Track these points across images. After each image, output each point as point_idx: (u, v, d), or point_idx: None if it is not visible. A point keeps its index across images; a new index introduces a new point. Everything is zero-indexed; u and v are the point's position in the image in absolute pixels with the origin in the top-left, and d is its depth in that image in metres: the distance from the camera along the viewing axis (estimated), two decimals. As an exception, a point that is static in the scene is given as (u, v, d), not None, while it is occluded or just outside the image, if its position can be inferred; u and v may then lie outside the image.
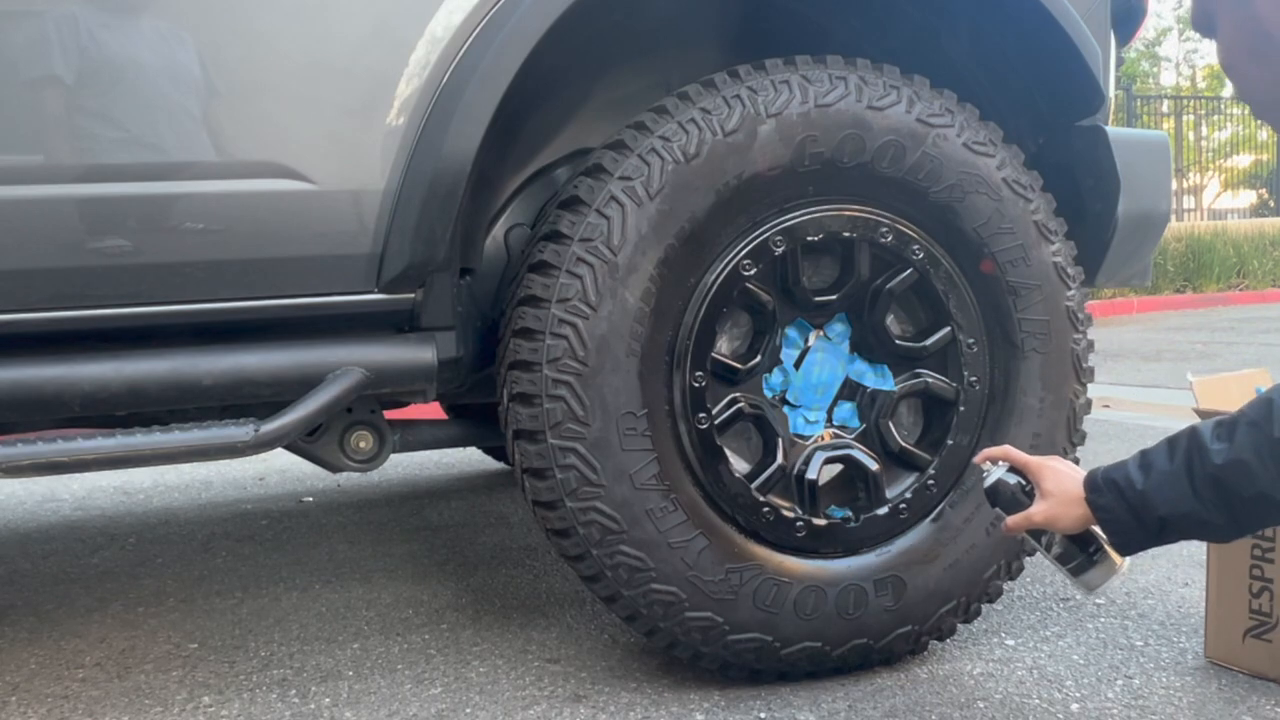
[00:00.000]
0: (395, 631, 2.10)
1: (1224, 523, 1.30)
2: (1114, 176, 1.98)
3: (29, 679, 1.93)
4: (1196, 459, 1.29)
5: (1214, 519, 1.29)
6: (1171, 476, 1.31)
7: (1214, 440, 1.28)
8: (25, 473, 1.49)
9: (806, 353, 1.82)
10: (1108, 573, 1.44)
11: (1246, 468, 1.25)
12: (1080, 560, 1.44)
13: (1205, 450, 1.29)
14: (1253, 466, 1.25)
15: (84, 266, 1.49)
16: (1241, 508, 1.27)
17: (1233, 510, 1.28)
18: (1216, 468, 1.27)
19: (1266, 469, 1.24)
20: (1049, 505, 1.42)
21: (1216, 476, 1.27)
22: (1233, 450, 1.26)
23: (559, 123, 2.01)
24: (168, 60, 1.50)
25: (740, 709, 1.71)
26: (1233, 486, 1.26)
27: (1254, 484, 1.25)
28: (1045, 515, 1.42)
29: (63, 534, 3.00)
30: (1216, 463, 1.27)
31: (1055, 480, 1.43)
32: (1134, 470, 1.35)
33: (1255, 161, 16.96)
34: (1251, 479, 1.25)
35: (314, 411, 1.58)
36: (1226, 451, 1.27)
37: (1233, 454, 1.26)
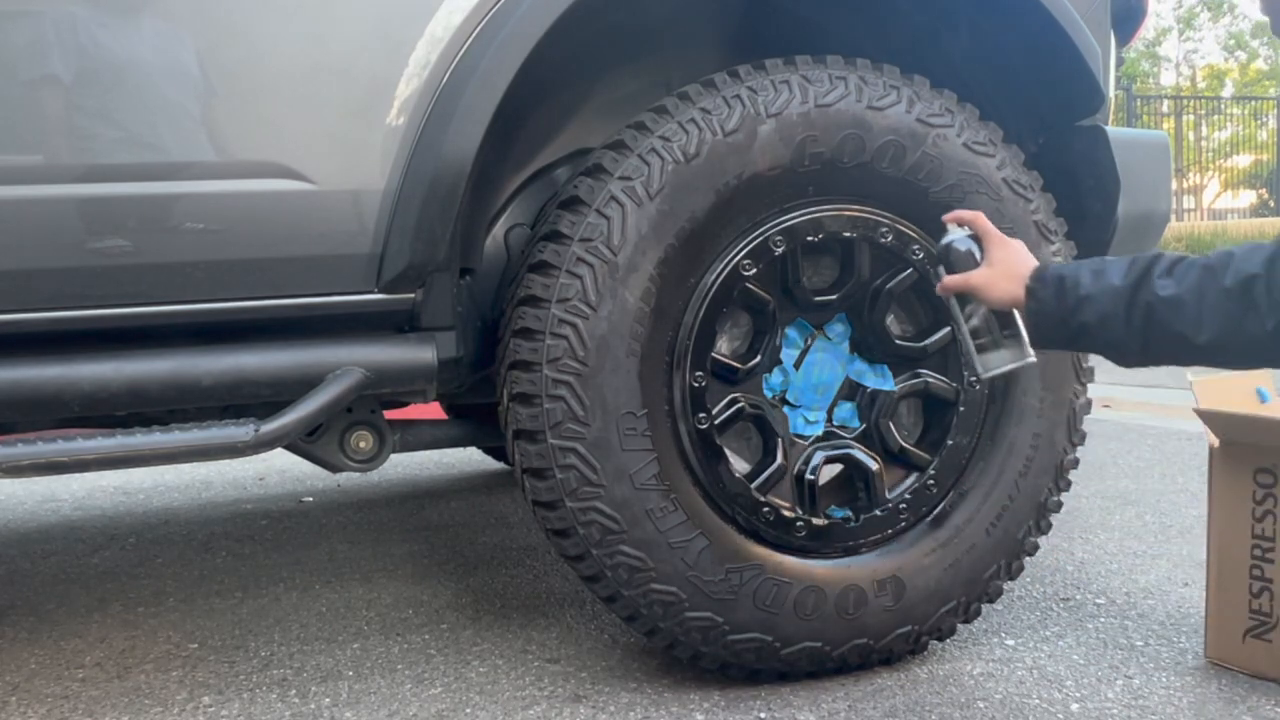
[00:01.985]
0: (395, 631, 2.10)
1: (1136, 349, 1.32)
2: (1114, 176, 1.98)
3: (29, 679, 1.93)
4: (1143, 285, 1.30)
5: (1129, 343, 1.31)
6: (1115, 293, 1.33)
7: (1163, 275, 1.30)
8: (25, 473, 1.49)
9: (806, 353, 1.82)
10: (1010, 359, 1.46)
11: (1182, 307, 1.27)
12: (991, 339, 1.47)
13: (1152, 281, 1.30)
14: (1188, 307, 1.27)
15: (84, 266, 1.49)
16: (1158, 341, 1.29)
17: (1148, 340, 1.30)
18: (1157, 298, 1.28)
19: (1199, 312, 1.26)
20: (988, 273, 1.44)
21: (1152, 305, 1.29)
22: (1178, 289, 1.28)
23: (559, 123, 2.01)
24: (168, 60, 1.50)
25: (740, 709, 1.71)
26: (1161, 320, 1.28)
27: (1181, 322, 1.27)
28: (981, 280, 1.45)
29: (63, 534, 3.00)
30: (1159, 294, 1.29)
31: (1005, 254, 1.45)
32: (1085, 274, 1.36)
33: (1255, 161, 16.97)
34: (1181, 317, 1.27)
35: (314, 411, 1.58)
36: (1171, 288, 1.28)
37: (1176, 291, 1.28)
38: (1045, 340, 1.41)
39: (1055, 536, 2.60)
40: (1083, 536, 2.67)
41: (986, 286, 1.44)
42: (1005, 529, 1.87)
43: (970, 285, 1.46)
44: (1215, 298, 1.25)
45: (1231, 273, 1.25)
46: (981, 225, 1.49)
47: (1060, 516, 2.06)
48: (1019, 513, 1.88)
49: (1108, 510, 2.94)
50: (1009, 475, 1.87)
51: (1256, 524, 1.78)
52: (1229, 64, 24.86)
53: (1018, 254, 1.44)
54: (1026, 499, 1.88)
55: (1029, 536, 1.90)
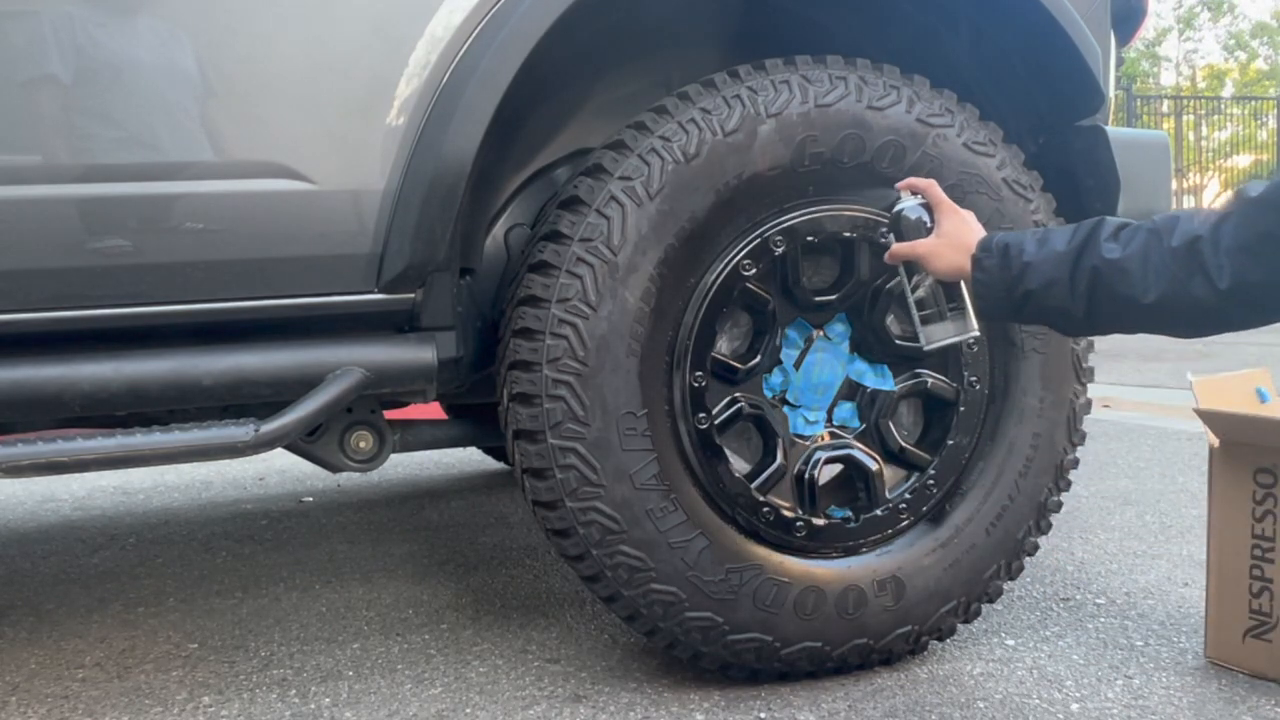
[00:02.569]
0: (395, 631, 2.10)
1: (1081, 314, 1.31)
2: (1114, 176, 1.98)
3: (29, 679, 1.93)
4: (1088, 249, 1.30)
5: (1074, 309, 1.31)
6: (1059, 259, 1.32)
7: (1109, 239, 1.30)
8: (25, 473, 1.49)
9: (806, 353, 1.82)
10: (955, 331, 1.48)
11: (1128, 269, 1.27)
12: (935, 310, 1.48)
13: (1098, 245, 1.30)
14: (1134, 269, 1.26)
15: (84, 266, 1.49)
16: (1104, 304, 1.29)
17: (1094, 304, 1.29)
18: (1103, 260, 1.28)
19: (1144, 274, 1.25)
20: (935, 242, 1.44)
21: (1097, 269, 1.29)
22: (1124, 251, 1.28)
23: (559, 123, 2.01)
24: (167, 60, 1.50)
25: (740, 709, 1.71)
26: (1107, 283, 1.28)
27: (1127, 284, 1.26)
28: (927, 249, 1.45)
29: (63, 534, 3.00)
30: (1105, 257, 1.28)
31: (954, 224, 1.45)
32: (1029, 242, 1.36)
33: (1255, 161, 16.96)
34: (1127, 281, 1.26)
35: (314, 411, 1.58)
36: (1117, 251, 1.28)
37: (1121, 254, 1.28)
38: (991, 310, 1.40)
39: (1055, 536, 2.60)
40: (1083, 536, 2.67)
41: (932, 256, 1.44)
42: (1005, 529, 1.87)
43: (916, 254, 1.46)
44: (1160, 258, 1.25)
45: (1178, 234, 1.25)
46: (934, 194, 1.49)
47: (1060, 516, 2.07)
48: (1019, 513, 1.88)
49: (1108, 510, 2.94)
50: (1009, 475, 1.87)
51: (1256, 524, 1.78)
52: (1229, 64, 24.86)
53: (967, 224, 1.44)
54: (1026, 499, 1.88)
55: (1029, 536, 1.90)
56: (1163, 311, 1.26)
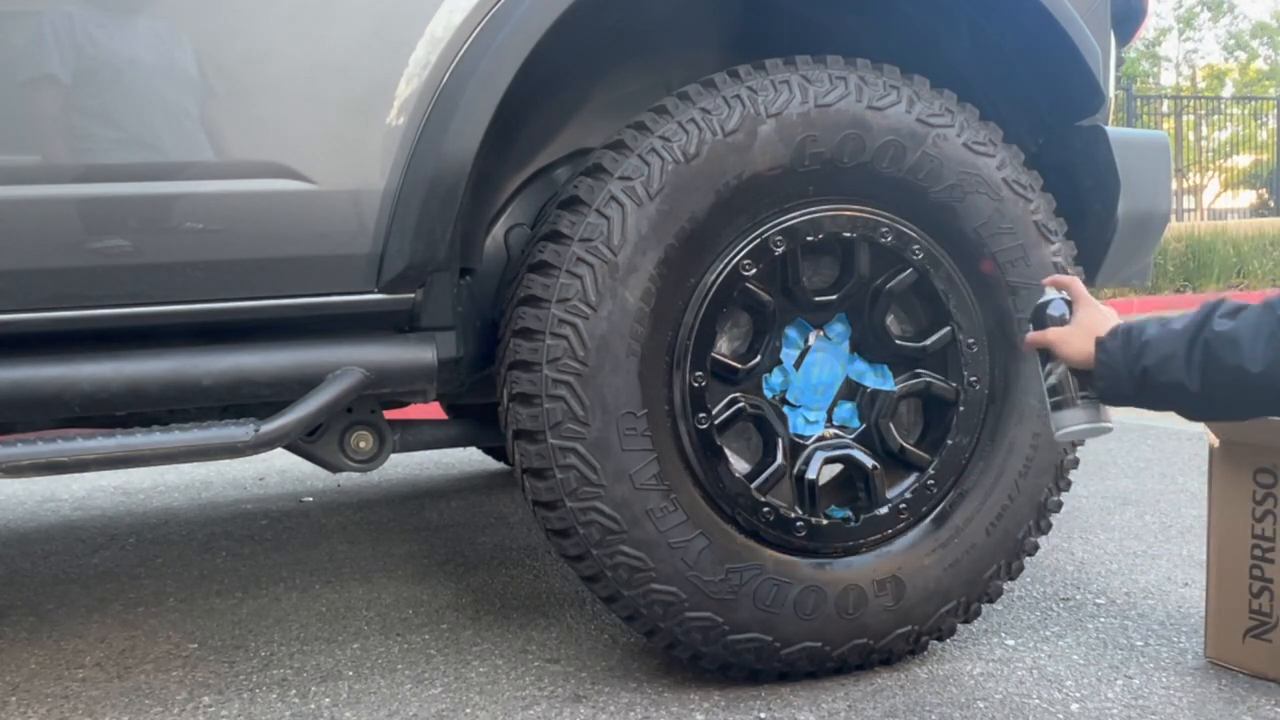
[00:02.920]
0: (395, 631, 2.10)
1: (1196, 390, 1.32)
2: (1114, 176, 1.98)
3: (29, 679, 1.93)
4: (1204, 326, 1.33)
5: (1189, 383, 1.32)
6: (1177, 335, 1.35)
7: (1224, 316, 1.32)
8: (25, 473, 1.49)
9: (806, 353, 1.82)
10: (1085, 419, 1.48)
11: (1238, 339, 1.28)
12: (1065, 396, 1.49)
13: (1212, 320, 1.32)
14: (1243, 339, 1.28)
15: (84, 266, 1.49)
16: (1216, 377, 1.30)
17: (1206, 378, 1.31)
18: (1214, 334, 1.30)
19: (1255, 344, 1.27)
20: (1066, 330, 1.47)
21: (1209, 341, 1.31)
22: (1234, 324, 1.30)
23: (559, 123, 2.01)
24: (167, 60, 1.50)
25: (740, 709, 1.71)
26: (1217, 355, 1.30)
27: (1239, 356, 1.28)
28: (1058, 336, 1.48)
29: (63, 534, 3.00)
30: (1216, 330, 1.31)
31: (1088, 315, 1.47)
32: (1153, 324, 1.39)
33: (1255, 161, 16.97)
34: (1236, 351, 1.28)
35: (314, 411, 1.58)
36: (1228, 324, 1.31)
37: (1232, 326, 1.30)
38: (1113, 389, 1.42)
39: (1055, 536, 2.60)
40: (1083, 536, 2.67)
41: (1062, 343, 1.47)
42: (1005, 529, 1.87)
43: (1047, 340, 1.49)
44: (1270, 328, 1.27)
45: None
46: (1076, 290, 1.52)
47: (1060, 516, 2.07)
48: (1019, 513, 1.88)
49: (1108, 510, 2.94)
50: (1009, 475, 1.87)
51: (1256, 524, 1.78)
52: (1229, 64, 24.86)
53: (1100, 315, 1.47)
54: (1026, 499, 1.88)
55: (1029, 536, 1.90)
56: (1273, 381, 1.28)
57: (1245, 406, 1.36)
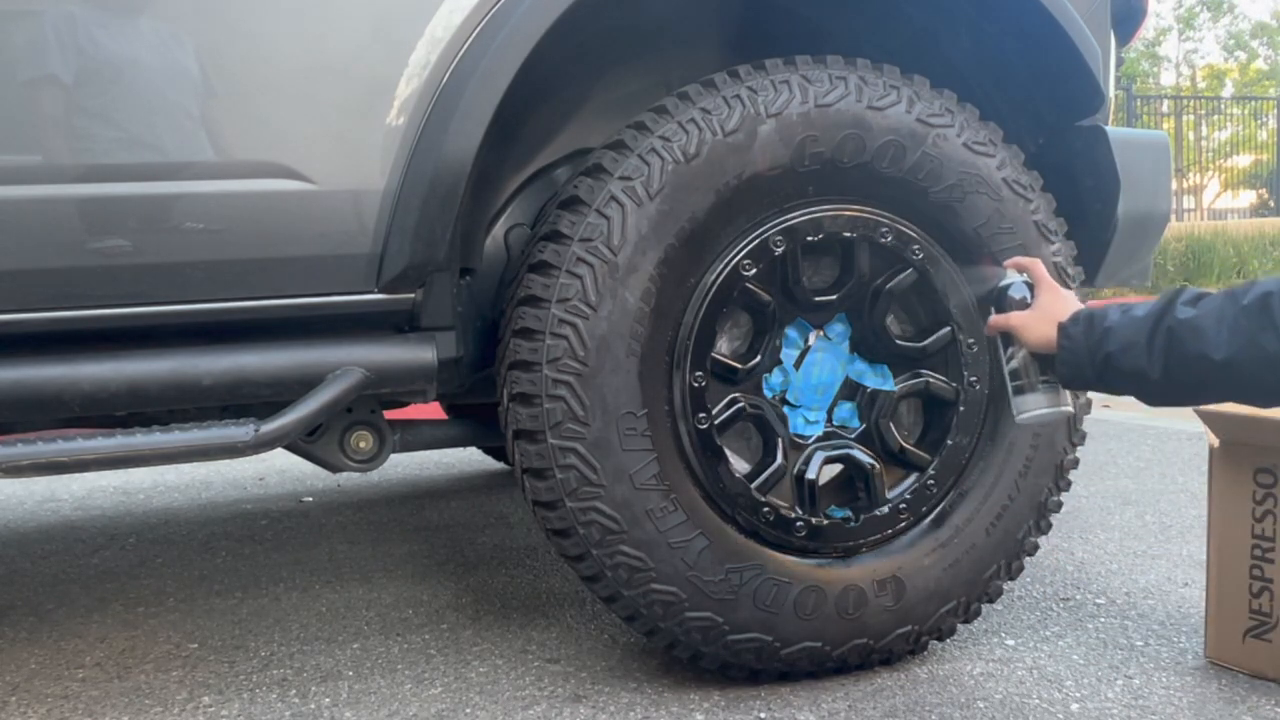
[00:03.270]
0: (395, 631, 2.10)
1: (1158, 376, 1.33)
2: (1114, 176, 1.98)
3: (29, 679, 1.93)
4: (1166, 313, 1.34)
5: (1151, 370, 1.33)
6: (1138, 323, 1.36)
7: (1186, 303, 1.34)
8: (25, 473, 1.49)
9: (806, 353, 1.82)
10: (1045, 404, 1.50)
11: (1201, 327, 1.29)
12: (1027, 381, 1.51)
13: (1174, 308, 1.33)
14: (1206, 328, 1.29)
15: (84, 266, 1.49)
16: (1178, 365, 1.31)
17: (1169, 365, 1.32)
18: (1177, 322, 1.32)
19: (1218, 331, 1.28)
20: (1028, 315, 1.49)
21: (1172, 328, 1.32)
22: (1196, 312, 1.31)
23: (559, 123, 2.01)
24: (168, 60, 1.50)
25: (740, 709, 1.71)
26: (1180, 342, 1.31)
27: (1200, 343, 1.29)
28: (1019, 321, 1.50)
29: (63, 534, 3.00)
30: (1179, 318, 1.32)
31: (1050, 299, 1.49)
32: (1114, 310, 1.40)
33: (1255, 161, 16.97)
34: (1200, 338, 1.29)
35: (314, 412, 1.58)
36: (1191, 312, 1.32)
37: (1195, 314, 1.31)
38: (1074, 374, 1.44)
39: (1055, 536, 2.60)
40: (1083, 536, 2.67)
41: (1024, 328, 1.49)
42: (1005, 529, 1.87)
43: (1010, 325, 1.51)
44: (1233, 316, 1.28)
45: (1251, 293, 1.29)
46: (1037, 273, 1.54)
47: (1060, 516, 2.07)
48: (1019, 513, 1.88)
49: (1108, 510, 2.94)
50: (1009, 475, 1.87)
51: (1256, 524, 1.78)
52: (1229, 64, 24.86)
53: (1063, 300, 1.48)
54: (1026, 499, 1.88)
55: (1029, 536, 1.90)
56: (1236, 370, 1.28)
57: (1205, 393, 1.37)
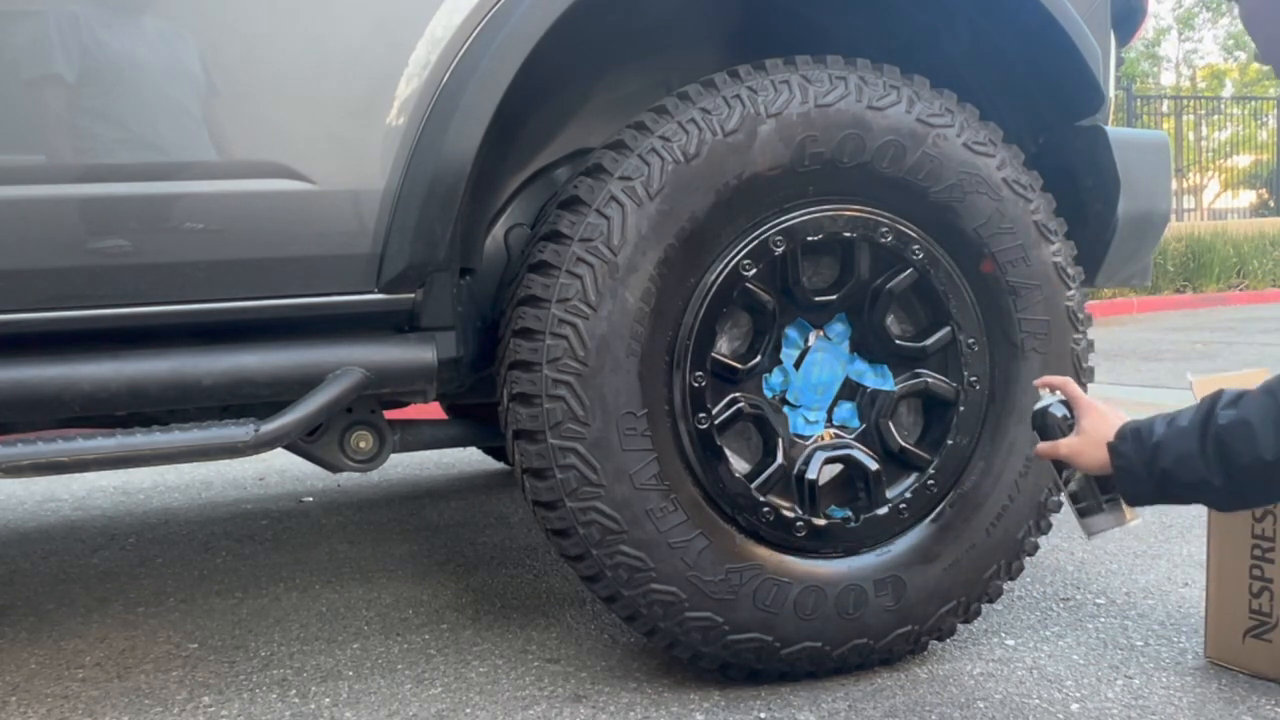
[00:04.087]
0: (395, 631, 2.10)
1: (1221, 484, 1.32)
2: (1114, 176, 1.98)
3: (29, 679, 1.93)
4: (1210, 419, 1.33)
5: (1213, 478, 1.32)
6: (1185, 432, 1.35)
7: (1225, 407, 1.33)
8: (25, 473, 1.49)
9: (806, 353, 1.82)
10: (1113, 522, 1.49)
11: (1249, 429, 1.28)
12: (1090, 503, 1.50)
13: (1216, 413, 1.33)
14: (1255, 428, 1.28)
15: (84, 266, 1.49)
16: (1240, 471, 1.30)
17: (1230, 472, 1.31)
18: (1221, 428, 1.31)
19: (1265, 430, 1.27)
20: (1077, 441, 1.48)
21: (1220, 436, 1.31)
22: (1239, 413, 1.30)
23: (559, 123, 2.01)
24: (168, 60, 1.50)
25: (740, 709, 1.71)
26: (1234, 446, 1.30)
27: (1254, 446, 1.28)
28: (1070, 449, 1.48)
29: (63, 534, 3.00)
30: (1222, 424, 1.31)
31: (1094, 420, 1.47)
32: (1159, 423, 1.39)
33: (1255, 161, 16.97)
34: (1252, 441, 1.28)
35: (314, 411, 1.58)
36: (1234, 414, 1.31)
37: (1239, 415, 1.30)
38: (1135, 494, 1.43)
39: (1055, 536, 2.60)
40: (1083, 536, 2.66)
41: (1077, 455, 1.47)
42: (1005, 529, 1.87)
43: (1060, 454, 1.50)
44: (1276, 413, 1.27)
45: None
46: (1071, 391, 1.53)
47: (1060, 516, 2.05)
48: (1019, 513, 1.88)
49: (1108, 510, 2.94)
50: (1009, 475, 1.87)
51: (1256, 524, 1.78)
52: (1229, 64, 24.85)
53: (1105, 419, 1.47)
54: (1026, 499, 1.88)
55: (1029, 536, 1.90)
56: None
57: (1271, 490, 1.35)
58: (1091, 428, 1.47)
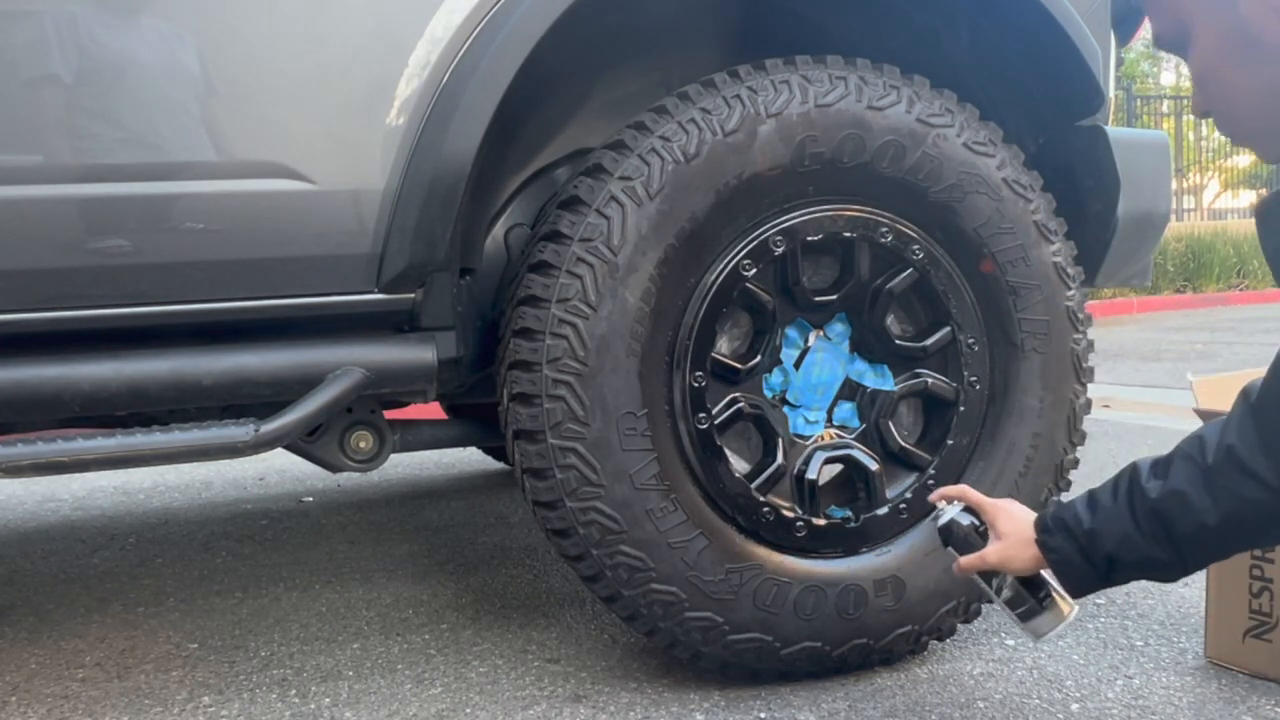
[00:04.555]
0: (395, 631, 2.10)
1: (1168, 558, 1.29)
2: (1114, 176, 1.98)
3: (29, 679, 1.93)
4: (1137, 496, 1.30)
5: (1158, 554, 1.29)
6: (1115, 512, 1.31)
7: (1150, 479, 1.30)
8: (25, 473, 1.49)
9: (806, 353, 1.82)
10: (1056, 620, 1.43)
11: (1183, 497, 1.26)
12: (1029, 606, 1.44)
13: (1142, 487, 1.29)
14: (1189, 496, 1.25)
15: (84, 266, 1.49)
16: (1184, 541, 1.28)
17: (1175, 543, 1.28)
18: (1154, 501, 1.28)
19: (1201, 499, 1.24)
20: (1002, 546, 1.42)
21: (1155, 509, 1.28)
22: (1168, 485, 1.27)
23: (559, 123, 2.01)
24: (168, 60, 1.50)
25: (740, 709, 1.71)
26: (1171, 517, 1.27)
27: (1191, 513, 1.25)
28: (999, 556, 1.42)
29: (63, 534, 3.00)
30: (1153, 496, 1.28)
31: (1009, 521, 1.42)
32: (1081, 509, 1.35)
33: (1255, 161, 16.95)
34: (1188, 509, 1.25)
35: (314, 411, 1.58)
36: (1160, 487, 1.28)
37: (1168, 486, 1.27)
38: (1081, 584, 1.37)
39: (1055, 536, 2.60)
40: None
41: (1008, 560, 1.42)
42: (1005, 529, 1.86)
43: (989, 564, 1.44)
44: (1204, 479, 1.25)
45: (1210, 452, 1.25)
46: (973, 498, 1.48)
47: (1060, 516, 2.07)
48: (1019, 513, 1.87)
49: (1108, 510, 2.94)
50: (1009, 475, 1.87)
51: (1256, 524, 1.78)
52: (1229, 64, 24.81)
53: (1017, 516, 1.43)
54: (1026, 499, 1.88)
55: (1029, 536, 1.90)
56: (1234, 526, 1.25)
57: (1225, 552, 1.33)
58: (1010, 529, 1.41)
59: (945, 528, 1.50)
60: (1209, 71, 1.10)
